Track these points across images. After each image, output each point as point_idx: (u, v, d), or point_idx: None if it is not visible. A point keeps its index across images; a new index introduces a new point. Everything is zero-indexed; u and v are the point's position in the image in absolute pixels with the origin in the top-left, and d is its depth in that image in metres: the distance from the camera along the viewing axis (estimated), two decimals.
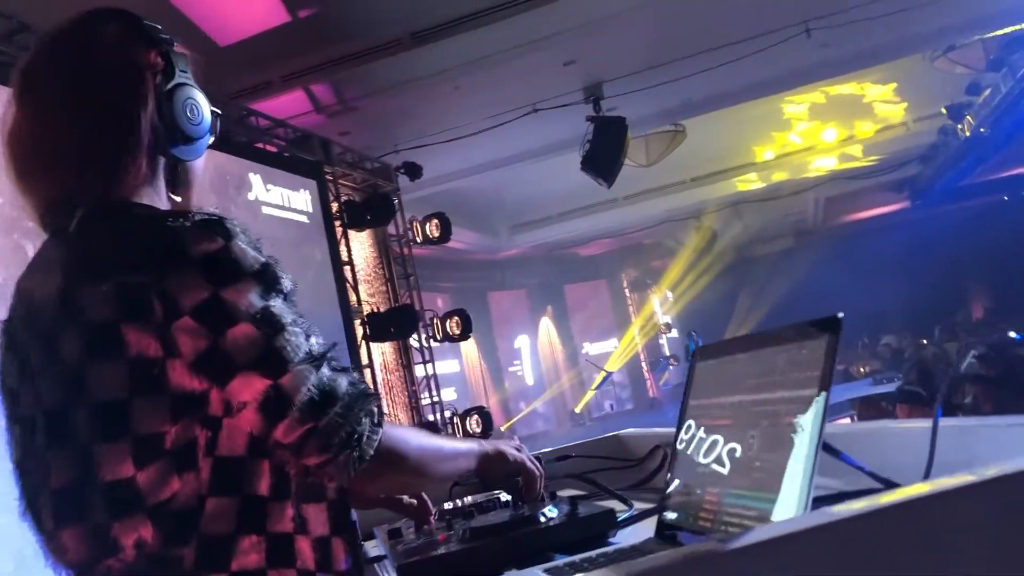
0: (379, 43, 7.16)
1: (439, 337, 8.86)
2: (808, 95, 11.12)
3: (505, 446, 1.21)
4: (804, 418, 0.79)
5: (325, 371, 1.00)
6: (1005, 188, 16.00)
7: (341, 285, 7.24)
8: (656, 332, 20.67)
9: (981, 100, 10.47)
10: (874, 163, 13.99)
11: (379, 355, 7.99)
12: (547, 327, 18.53)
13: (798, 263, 18.30)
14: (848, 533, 0.61)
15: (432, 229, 8.80)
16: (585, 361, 17.34)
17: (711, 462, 0.92)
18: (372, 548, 1.41)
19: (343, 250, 7.53)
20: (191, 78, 1.14)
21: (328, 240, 7.23)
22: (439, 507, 1.30)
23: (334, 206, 7.55)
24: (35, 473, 1.03)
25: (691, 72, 8.18)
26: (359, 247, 8.16)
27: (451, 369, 14.69)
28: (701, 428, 0.99)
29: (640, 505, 1.22)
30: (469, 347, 15.52)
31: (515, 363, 17.29)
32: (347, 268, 7.51)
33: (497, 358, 16.79)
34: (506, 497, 1.24)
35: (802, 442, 0.78)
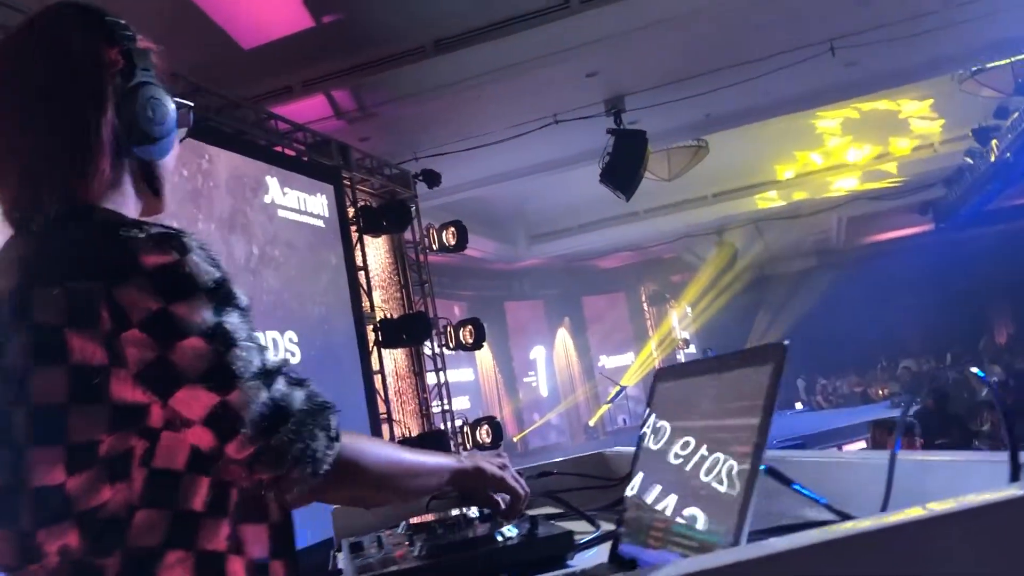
0: (402, 50, 7.20)
1: (452, 345, 8.85)
2: (841, 110, 11.01)
3: (485, 462, 1.19)
4: (745, 446, 0.76)
5: (279, 387, 0.98)
6: None
7: (355, 290, 7.26)
8: (674, 347, 20.58)
9: (1009, 124, 10.35)
10: (897, 184, 13.87)
11: (391, 361, 7.99)
12: (564, 339, 18.49)
13: (819, 283, 18.17)
14: (778, 569, 0.58)
15: (448, 237, 8.81)
16: (600, 375, 17.27)
17: (670, 489, 0.90)
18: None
19: (358, 255, 7.54)
20: (154, 74, 1.11)
21: (343, 245, 7.25)
22: (407, 521, 1.28)
23: (350, 211, 7.57)
24: None
25: (713, 88, 8.14)
26: (375, 253, 8.18)
27: (466, 378, 14.69)
28: (663, 453, 0.97)
29: (608, 526, 1.20)
30: (484, 356, 15.51)
31: (530, 374, 17.25)
32: (361, 273, 7.52)
33: (512, 368, 16.77)
34: (475, 513, 1.22)
35: (742, 471, 0.76)
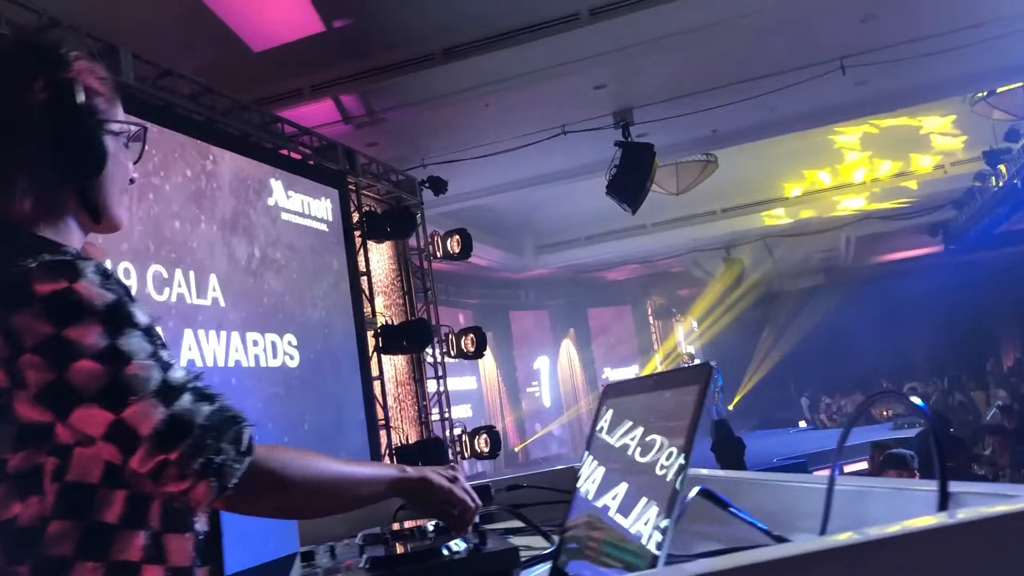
0: (411, 57, 7.22)
1: (453, 353, 8.85)
2: (859, 126, 10.95)
3: (433, 473, 1.18)
4: (670, 466, 0.75)
5: (183, 402, 1.01)
6: None
7: (357, 295, 7.26)
8: (679, 362, 20.54)
9: (1019, 147, 10.31)
10: (906, 205, 13.82)
11: (391, 368, 7.98)
12: (568, 349, 18.46)
13: (826, 301, 18.12)
14: None
15: (453, 245, 8.81)
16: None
17: (603, 502, 0.89)
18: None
19: (361, 260, 7.55)
20: (90, 100, 1.13)
21: (346, 249, 7.26)
22: (362, 532, 1.27)
23: (355, 216, 7.58)
24: None
25: (722, 103, 8.14)
26: (378, 258, 8.19)
27: (468, 386, 14.67)
28: (602, 468, 0.96)
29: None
30: (488, 365, 15.50)
31: (533, 384, 17.23)
32: (364, 278, 7.52)
33: (516, 377, 16.75)
34: (431, 526, 1.21)
35: (664, 491, 0.75)
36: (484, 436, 8.59)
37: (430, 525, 1.22)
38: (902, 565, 0.58)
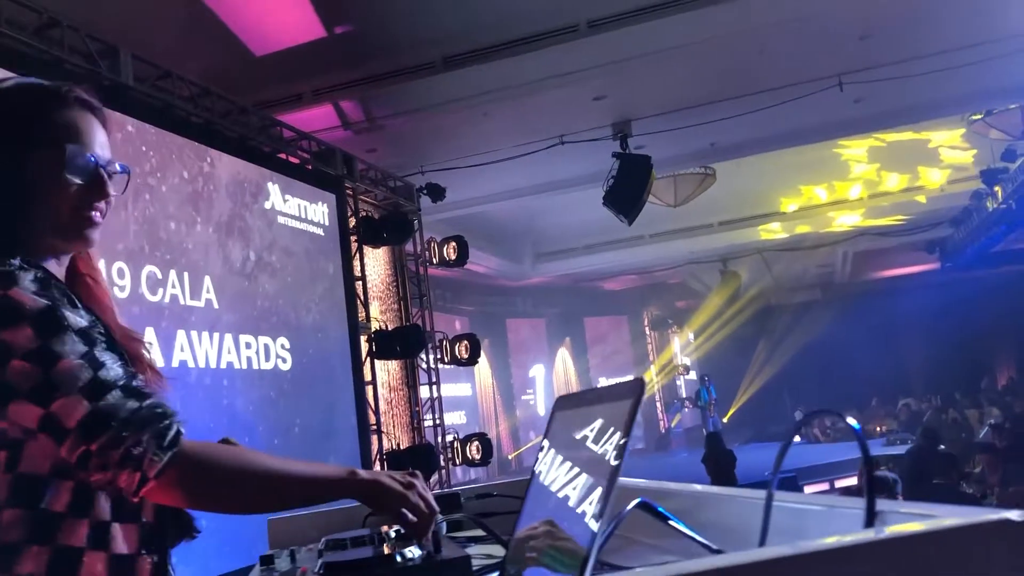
0: (412, 64, 7.25)
1: (447, 360, 8.86)
2: (864, 140, 10.94)
3: (387, 478, 1.17)
4: (604, 474, 0.78)
5: (110, 398, 1.09)
6: None
7: (351, 300, 7.28)
8: (675, 373, 20.55)
9: (1015, 168, 10.35)
10: (902, 222, 13.86)
11: (385, 373, 8.00)
12: (564, 358, 18.48)
13: (823, 316, 18.16)
14: None
15: (449, 252, 8.85)
16: None
17: (548, 513, 0.92)
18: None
19: (356, 265, 7.57)
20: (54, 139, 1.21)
21: (342, 254, 7.28)
22: (326, 537, 1.29)
23: (352, 221, 7.60)
24: None
25: (721, 117, 8.18)
26: (374, 264, 8.21)
27: (463, 392, 14.68)
28: (548, 479, 0.99)
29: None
30: (484, 372, 15.51)
31: (528, 392, 17.24)
32: (359, 283, 7.54)
33: (511, 385, 16.76)
34: (393, 532, 1.23)
35: (592, 504, 0.77)
36: (476, 443, 8.60)
37: (392, 532, 1.23)
38: None
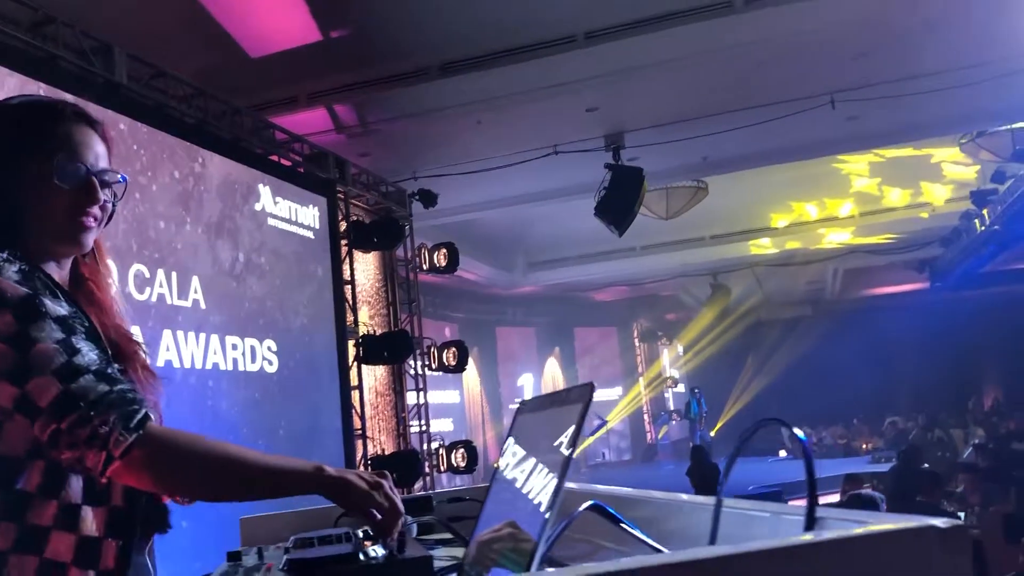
0: (407, 70, 7.28)
1: (435, 366, 8.86)
2: (863, 155, 10.96)
3: (354, 476, 1.17)
4: (550, 479, 0.79)
5: (82, 381, 1.15)
6: None
7: (340, 304, 7.28)
8: (664, 386, 20.57)
9: (1004, 189, 10.41)
10: (891, 241, 13.93)
11: (371, 378, 7.99)
12: (553, 368, 18.49)
13: (811, 332, 18.23)
14: None
15: (440, 258, 8.86)
16: None
17: (509, 513, 0.93)
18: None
19: (346, 269, 7.57)
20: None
21: (332, 258, 7.28)
22: (295, 536, 1.29)
23: (342, 225, 7.61)
24: None
25: (713, 131, 8.21)
26: (364, 268, 8.21)
27: (451, 399, 14.67)
28: (511, 475, 1.00)
29: None
30: (472, 379, 15.51)
31: (517, 400, 17.22)
32: (348, 288, 7.54)
33: (499, 393, 16.75)
34: (362, 532, 1.24)
35: (542, 504, 0.78)
36: (461, 450, 8.59)
37: (361, 532, 1.24)
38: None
